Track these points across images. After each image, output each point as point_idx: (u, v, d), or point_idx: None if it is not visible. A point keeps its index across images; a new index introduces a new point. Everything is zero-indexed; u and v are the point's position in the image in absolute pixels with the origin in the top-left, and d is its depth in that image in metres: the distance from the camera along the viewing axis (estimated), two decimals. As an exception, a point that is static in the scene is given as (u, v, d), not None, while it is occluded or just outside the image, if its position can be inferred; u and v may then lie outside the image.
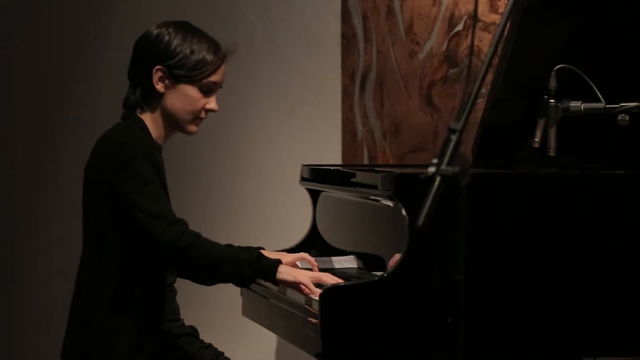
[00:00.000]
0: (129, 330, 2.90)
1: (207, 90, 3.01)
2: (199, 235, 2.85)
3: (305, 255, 3.15)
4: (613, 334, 3.05)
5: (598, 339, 3.04)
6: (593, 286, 3.03)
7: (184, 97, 2.98)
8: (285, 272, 2.86)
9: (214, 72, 3.00)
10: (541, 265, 2.99)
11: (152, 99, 2.99)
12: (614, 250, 3.03)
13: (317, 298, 2.81)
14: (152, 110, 3.00)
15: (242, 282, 2.93)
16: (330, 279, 2.92)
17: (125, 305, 2.91)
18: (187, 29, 3.01)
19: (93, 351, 2.91)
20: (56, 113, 4.90)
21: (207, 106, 3.02)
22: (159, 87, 2.97)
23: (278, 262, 2.88)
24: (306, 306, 2.91)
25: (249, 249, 2.90)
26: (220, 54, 3.02)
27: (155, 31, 3.00)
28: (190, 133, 3.04)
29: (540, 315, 2.99)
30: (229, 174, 4.93)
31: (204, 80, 2.99)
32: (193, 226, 2.90)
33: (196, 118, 3.02)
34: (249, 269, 2.82)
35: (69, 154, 4.75)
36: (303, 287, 2.86)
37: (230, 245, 2.90)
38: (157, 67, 2.95)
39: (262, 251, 2.93)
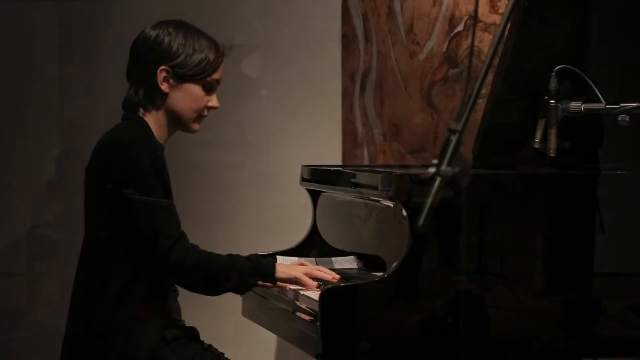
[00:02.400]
0: (129, 331, 2.90)
1: (210, 88, 3.04)
2: (200, 250, 2.86)
3: (301, 261, 3.17)
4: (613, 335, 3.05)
5: (594, 338, 3.04)
6: (588, 283, 3.04)
7: (189, 96, 2.99)
8: (281, 271, 2.92)
9: (216, 69, 3.03)
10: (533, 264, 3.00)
11: (156, 99, 2.99)
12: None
13: (310, 295, 2.82)
14: (156, 110, 3.01)
15: (245, 290, 3.00)
16: (323, 273, 2.94)
17: (125, 305, 2.91)
18: (186, 29, 3.02)
19: (93, 350, 2.91)
20: (57, 113, 4.90)
21: (210, 104, 3.05)
22: (164, 87, 2.97)
23: (274, 263, 2.92)
24: (295, 301, 2.92)
25: (247, 257, 2.93)
26: (220, 51, 3.04)
27: (154, 32, 3.00)
28: (193, 131, 3.06)
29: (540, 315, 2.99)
30: (229, 175, 4.93)
31: (208, 79, 3.01)
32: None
33: (200, 116, 3.05)
34: (251, 277, 2.88)
35: (68, 154, 4.75)
36: (300, 281, 2.91)
37: (229, 256, 2.91)
38: (162, 67, 2.95)
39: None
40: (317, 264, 3.23)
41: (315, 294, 2.84)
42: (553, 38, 3.38)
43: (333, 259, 3.34)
